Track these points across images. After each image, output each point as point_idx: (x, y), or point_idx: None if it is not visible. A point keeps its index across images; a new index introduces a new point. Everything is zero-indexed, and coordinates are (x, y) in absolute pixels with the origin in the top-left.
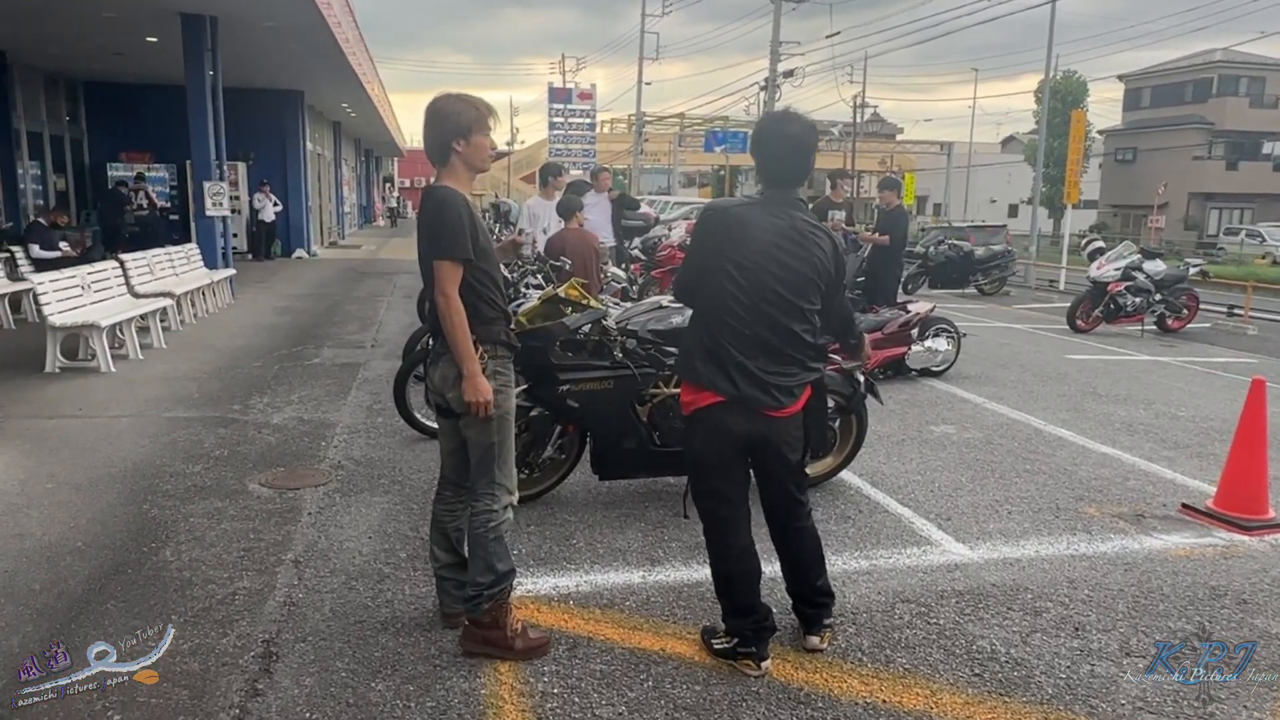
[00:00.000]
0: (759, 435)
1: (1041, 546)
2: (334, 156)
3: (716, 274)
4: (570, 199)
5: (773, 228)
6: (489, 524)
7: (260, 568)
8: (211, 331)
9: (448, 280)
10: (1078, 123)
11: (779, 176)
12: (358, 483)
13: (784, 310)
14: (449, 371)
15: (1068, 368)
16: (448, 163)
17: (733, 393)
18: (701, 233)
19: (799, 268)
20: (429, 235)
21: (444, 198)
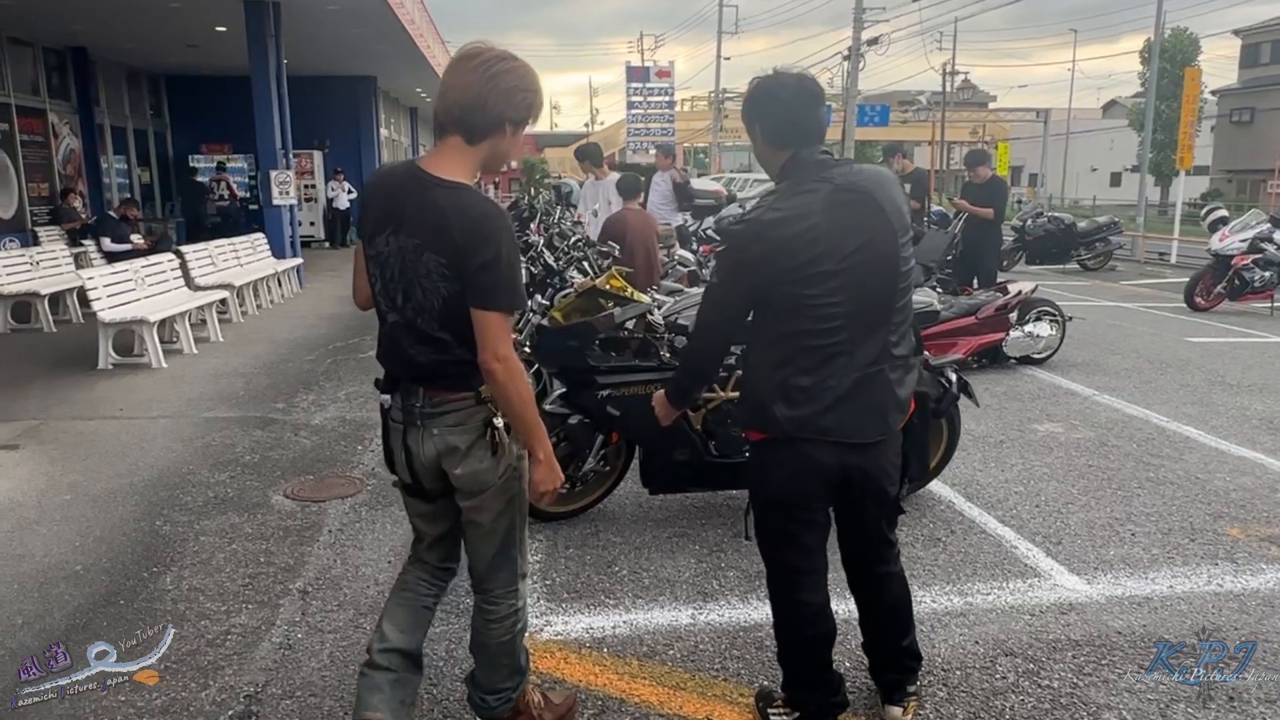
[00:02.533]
0: (854, 469)
1: (1176, 580)
2: (411, 142)
3: (785, 296)
4: (632, 176)
5: (826, 203)
6: (516, 625)
7: (263, 599)
8: (271, 323)
9: (502, 339)
10: (1192, 81)
11: (798, 135)
12: (387, 494)
13: (882, 296)
14: (455, 439)
15: (1189, 352)
16: (475, 144)
17: (824, 423)
18: (739, 260)
19: (878, 228)
20: (466, 268)
21: (487, 212)
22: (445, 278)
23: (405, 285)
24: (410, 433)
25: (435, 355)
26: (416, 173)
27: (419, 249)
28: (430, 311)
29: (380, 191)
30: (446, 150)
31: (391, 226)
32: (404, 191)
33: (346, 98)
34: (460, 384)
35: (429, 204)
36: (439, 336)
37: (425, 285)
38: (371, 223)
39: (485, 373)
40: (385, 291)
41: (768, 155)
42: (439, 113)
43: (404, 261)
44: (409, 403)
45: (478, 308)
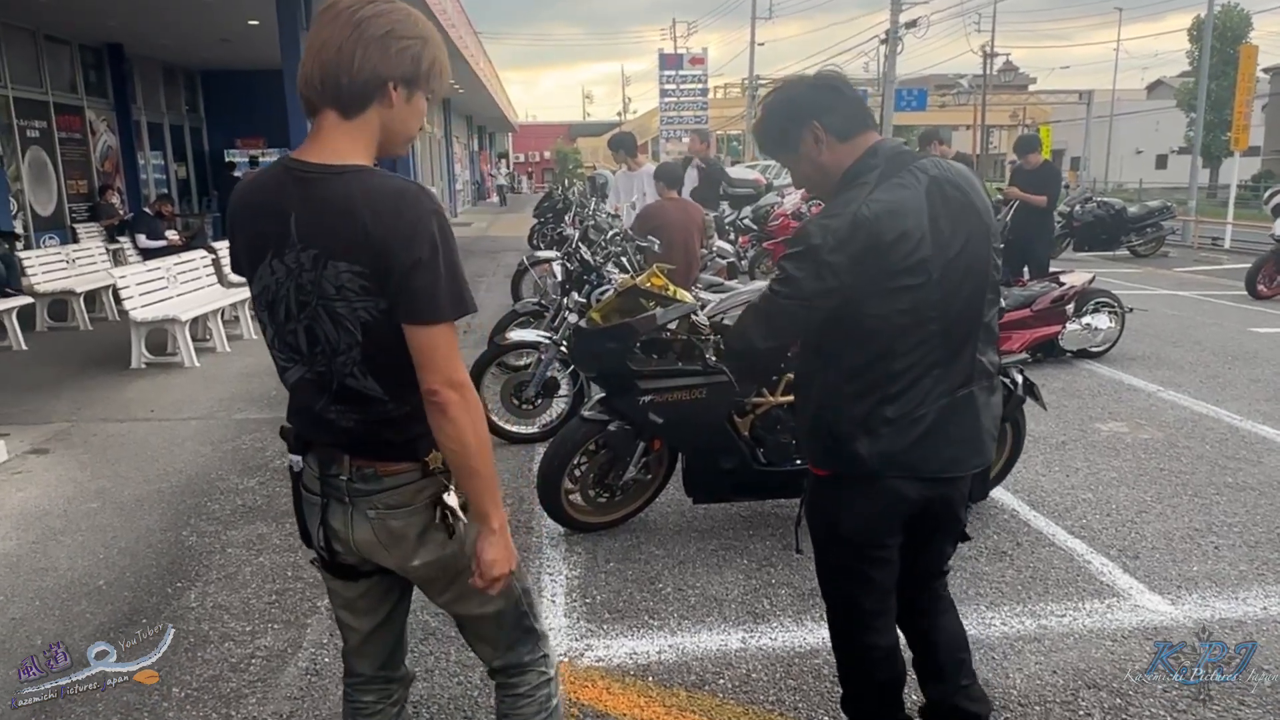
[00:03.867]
0: (938, 500)
1: (1270, 601)
2: (444, 134)
3: (872, 309)
4: (672, 165)
5: (926, 198)
6: (549, 701)
7: (290, 617)
8: None
9: (454, 358)
10: (1247, 58)
11: (860, 121)
12: None
13: (974, 308)
14: (399, 524)
15: (1256, 344)
16: (353, 116)
17: (912, 458)
18: (825, 262)
19: (975, 229)
20: (391, 272)
21: (406, 190)
22: (364, 292)
23: (307, 321)
24: (333, 510)
25: (362, 415)
26: (291, 167)
27: (319, 260)
28: (347, 351)
29: (246, 208)
30: (323, 132)
31: (272, 247)
32: (280, 195)
33: None
34: (401, 451)
35: (322, 197)
36: (364, 388)
37: (336, 312)
38: (244, 252)
39: (435, 406)
40: (280, 338)
41: (831, 158)
42: (304, 80)
43: (298, 287)
44: (330, 474)
45: (417, 321)
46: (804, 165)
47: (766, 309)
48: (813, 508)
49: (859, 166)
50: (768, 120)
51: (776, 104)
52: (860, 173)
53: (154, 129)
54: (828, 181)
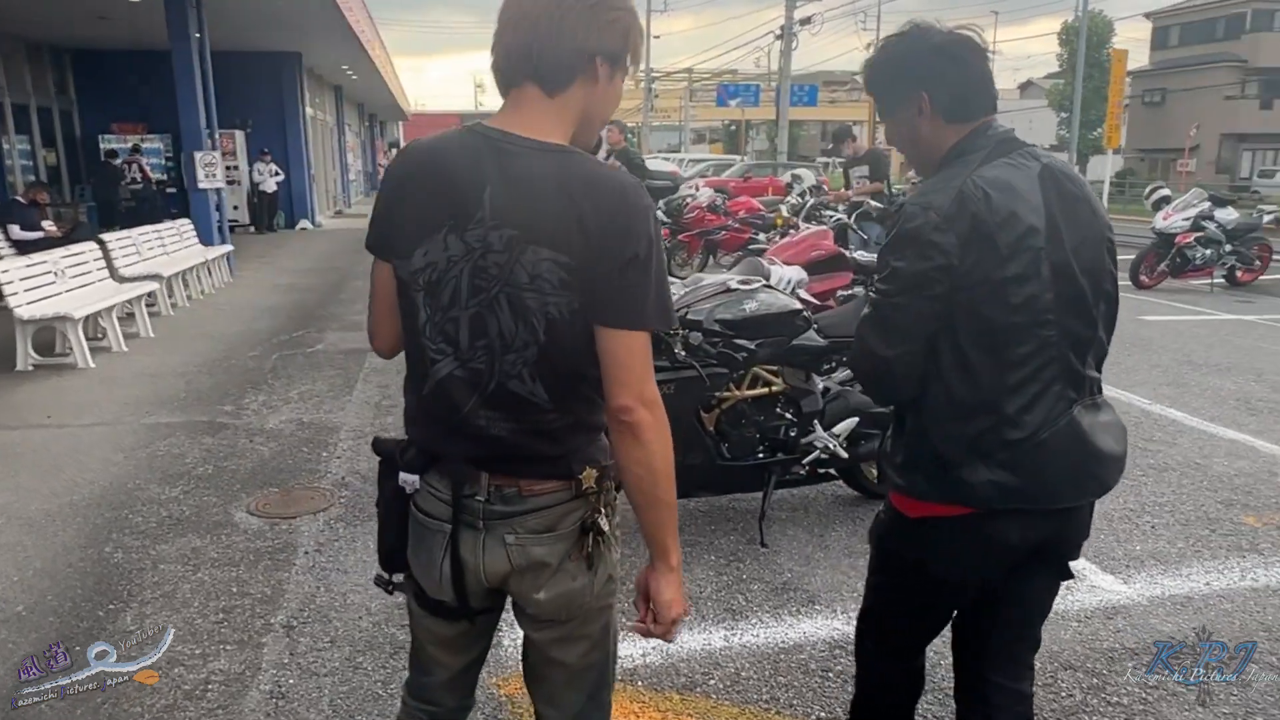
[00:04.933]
0: (1054, 533)
1: (1211, 577)
2: (336, 122)
3: (984, 307)
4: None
5: (1040, 185)
6: None
7: (243, 637)
8: (206, 315)
9: (650, 373)
10: (1118, 62)
11: (978, 105)
12: (365, 506)
13: (1089, 314)
14: (543, 551)
15: (1149, 332)
16: (556, 93)
17: (1025, 488)
18: (933, 244)
19: (1093, 229)
20: (601, 268)
21: (627, 184)
22: (561, 286)
23: (476, 309)
24: (464, 538)
25: (519, 423)
26: (489, 135)
27: (515, 243)
28: (522, 349)
29: (424, 173)
30: (524, 106)
31: (453, 221)
32: (475, 164)
33: (271, 75)
34: (551, 467)
35: (528, 175)
36: (528, 393)
37: (524, 303)
38: (411, 224)
39: (626, 426)
40: (436, 325)
41: (932, 134)
42: (501, 53)
43: (477, 269)
44: (464, 495)
45: (619, 326)
46: (900, 130)
47: (877, 315)
48: (893, 536)
49: (964, 145)
50: (875, 71)
51: (890, 56)
52: (965, 151)
53: (19, 111)
54: (921, 156)
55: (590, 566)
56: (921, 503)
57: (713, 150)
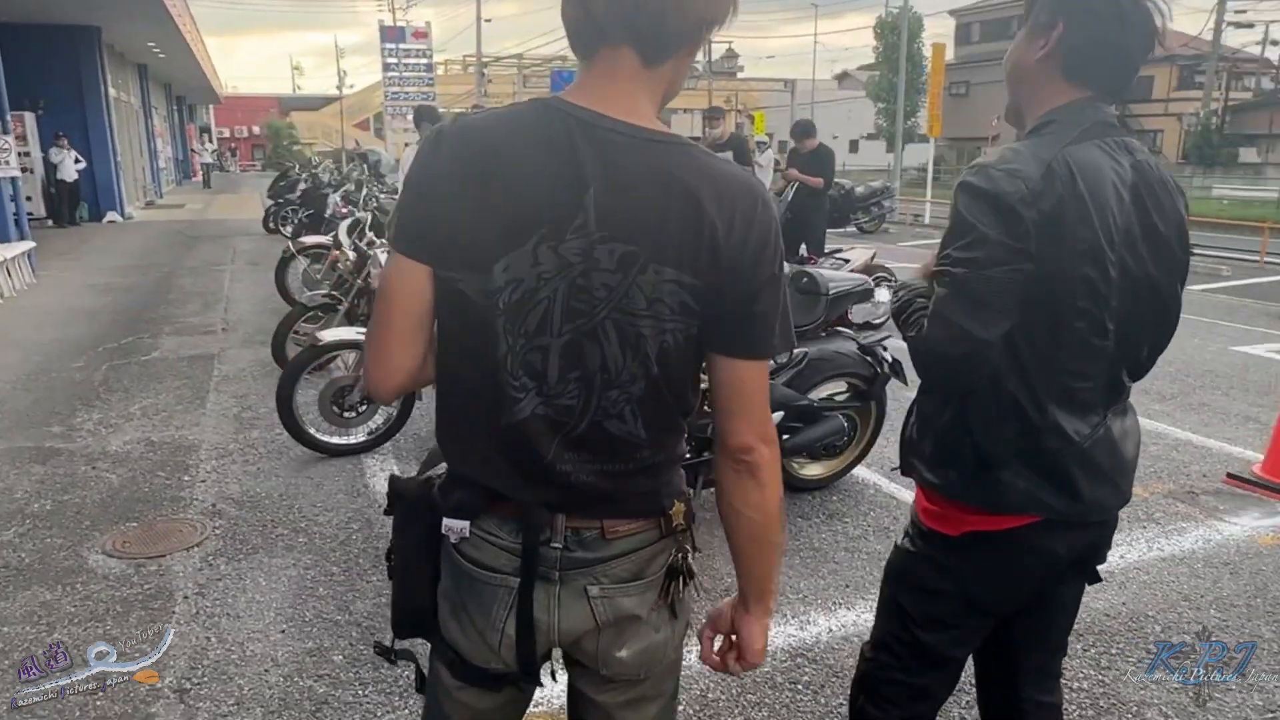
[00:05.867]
0: (1087, 547)
1: (1122, 550)
2: (142, 104)
3: (1056, 296)
4: None
5: (1130, 175)
6: None
7: (125, 710)
8: (12, 323)
9: (769, 406)
10: (937, 56)
11: (1117, 75)
12: (246, 537)
13: (1145, 323)
14: (632, 602)
15: None
16: (656, 64)
17: (1071, 508)
18: (1023, 218)
19: (1173, 232)
20: (734, 292)
21: (755, 187)
22: (682, 311)
23: (570, 336)
24: (540, 593)
25: (607, 465)
26: (584, 118)
27: (632, 261)
28: (629, 383)
29: (501, 163)
30: (618, 79)
31: (545, 229)
32: (571, 156)
33: (66, 51)
34: (640, 504)
35: (641, 173)
36: (627, 432)
37: (639, 331)
38: (486, 229)
39: (745, 466)
40: (519, 356)
41: (1040, 79)
42: (601, 8)
43: (576, 289)
44: (538, 541)
45: (744, 356)
46: (1016, 53)
47: (967, 291)
48: (926, 565)
49: (1060, 115)
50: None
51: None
52: (1059, 120)
53: None
54: (1018, 99)
55: (674, 614)
56: (963, 514)
57: None
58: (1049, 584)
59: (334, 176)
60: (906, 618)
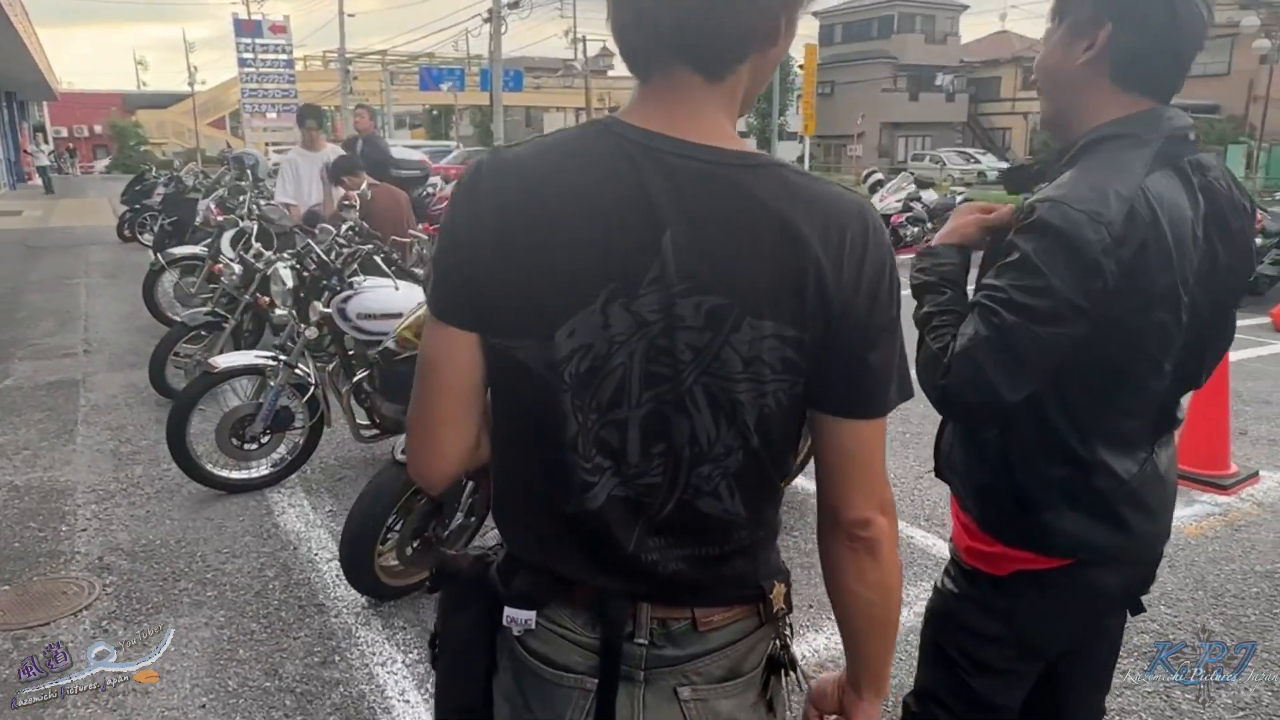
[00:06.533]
0: (1138, 581)
1: None
2: None
3: (1118, 343)
4: (350, 157)
5: (1203, 202)
6: None
7: None
8: None
9: (885, 469)
10: (810, 57)
11: (1173, 81)
12: (145, 594)
13: (1202, 360)
14: (728, 703)
15: None
16: (723, 77)
17: (1124, 546)
18: (1098, 268)
19: (1241, 259)
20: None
21: (868, 213)
22: (785, 369)
23: (652, 406)
24: (623, 696)
25: (699, 549)
26: (650, 144)
27: (721, 316)
28: (724, 456)
29: (556, 205)
30: (686, 99)
31: (615, 283)
32: (638, 192)
33: None
34: (739, 589)
35: (729, 208)
36: (723, 511)
37: (734, 397)
38: (545, 287)
39: (864, 542)
40: (591, 434)
41: (1089, 88)
42: (633, 21)
43: (656, 352)
44: (619, 637)
45: (860, 415)
46: (1053, 55)
47: (1008, 344)
48: (971, 607)
49: (1126, 128)
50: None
51: None
52: (1120, 139)
53: None
54: (1060, 109)
55: (771, 710)
56: (1009, 552)
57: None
58: (1102, 620)
59: (200, 180)
60: (954, 665)
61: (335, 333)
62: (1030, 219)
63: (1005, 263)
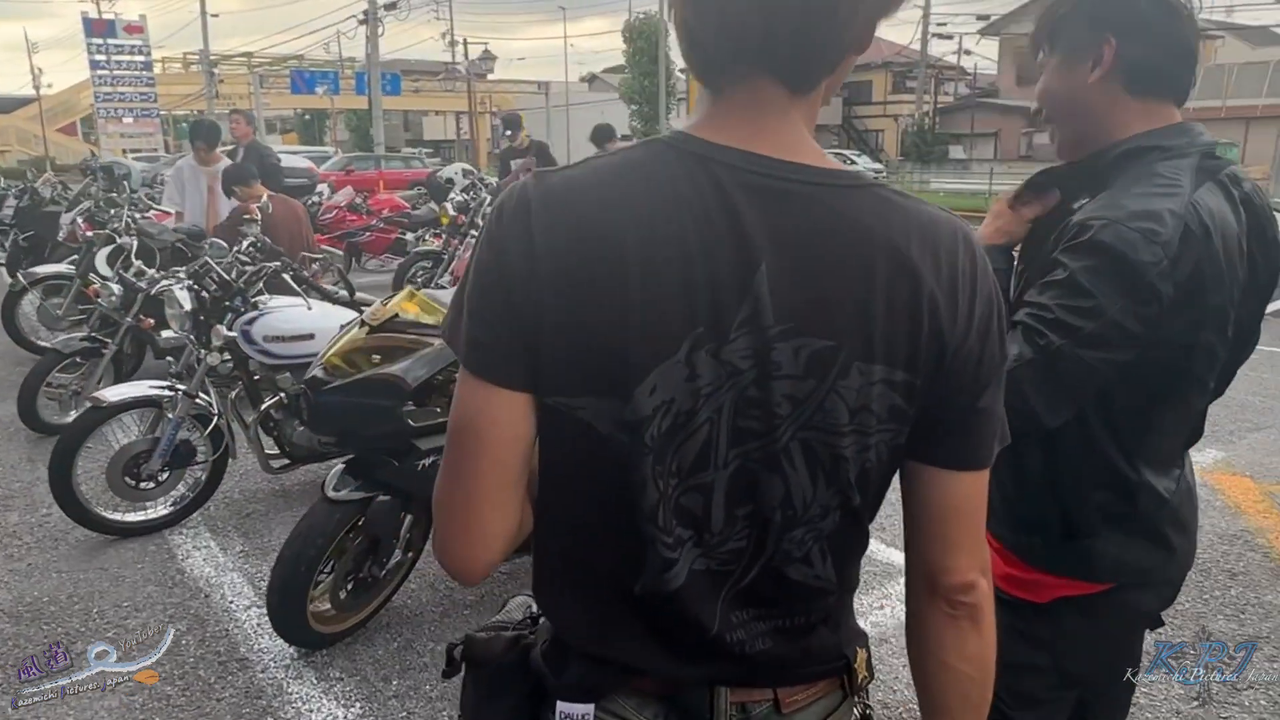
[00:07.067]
0: (1169, 600)
1: None
2: None
3: (1162, 368)
4: (243, 166)
5: (1241, 214)
6: None
7: None
8: None
9: (984, 528)
10: None
11: (1175, 82)
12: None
13: (1251, 344)
14: None
15: None
16: (807, 92)
17: (1167, 565)
18: (1153, 289)
19: (1269, 276)
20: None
21: (970, 237)
22: (891, 418)
23: (743, 465)
24: None
25: (786, 621)
26: (744, 166)
27: (826, 362)
28: (819, 518)
29: (626, 240)
30: (769, 111)
31: (701, 329)
32: (726, 219)
33: None
34: (823, 663)
35: (834, 236)
36: (813, 578)
37: (838, 452)
38: (617, 338)
39: (964, 608)
40: (671, 503)
41: (1105, 105)
42: (715, 26)
43: (750, 406)
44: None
45: (967, 466)
46: (1057, 82)
47: (1053, 369)
48: (1014, 638)
49: (1155, 140)
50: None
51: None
52: (1157, 150)
53: None
54: (1078, 133)
55: None
56: (1051, 579)
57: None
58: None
59: (60, 192)
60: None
61: (239, 357)
62: (1081, 238)
63: (1051, 280)
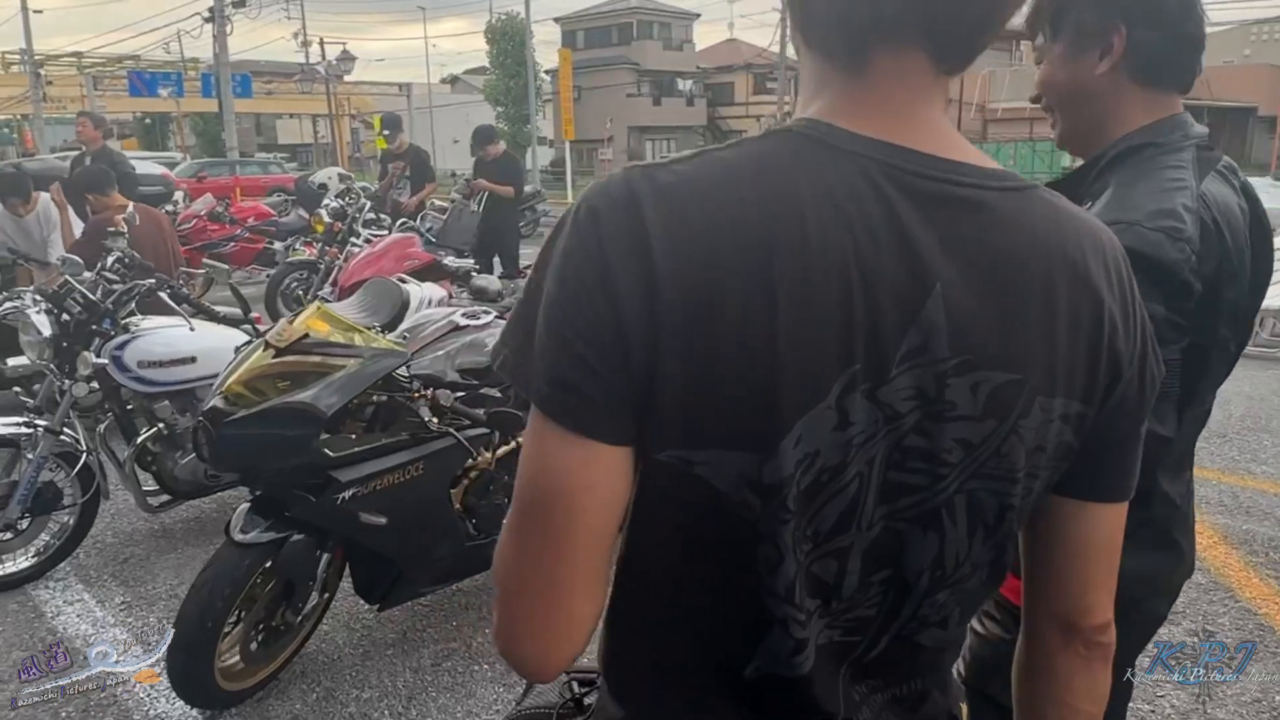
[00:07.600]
0: (1171, 603)
1: None
2: None
3: (1197, 363)
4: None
5: (1244, 215)
6: None
7: None
8: None
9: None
10: (565, 62)
11: (1183, 71)
12: None
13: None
14: None
15: None
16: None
17: (1178, 569)
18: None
19: (1266, 265)
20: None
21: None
22: (1059, 457)
23: (889, 525)
24: None
25: (909, 686)
26: (905, 166)
27: (1008, 398)
28: (967, 578)
29: (767, 254)
30: (918, 95)
31: (857, 366)
32: (890, 231)
33: None
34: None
35: (1018, 251)
36: (942, 644)
37: (1006, 502)
38: (770, 375)
39: (1097, 648)
40: (803, 572)
41: (1112, 96)
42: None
43: (909, 457)
44: None
45: (1115, 498)
46: (1060, 72)
47: None
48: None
49: (1152, 134)
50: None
51: None
52: (1153, 146)
53: None
54: (1083, 125)
55: None
56: None
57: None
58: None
59: None
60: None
61: (109, 387)
62: None
63: None
